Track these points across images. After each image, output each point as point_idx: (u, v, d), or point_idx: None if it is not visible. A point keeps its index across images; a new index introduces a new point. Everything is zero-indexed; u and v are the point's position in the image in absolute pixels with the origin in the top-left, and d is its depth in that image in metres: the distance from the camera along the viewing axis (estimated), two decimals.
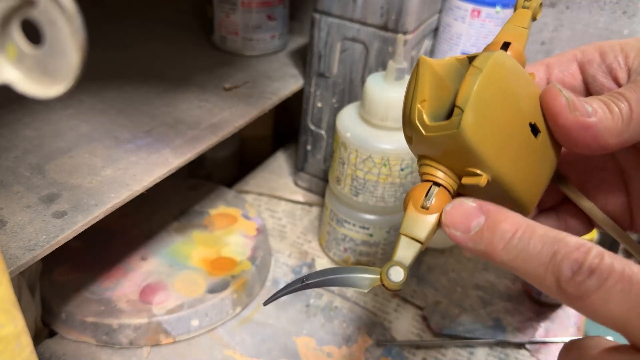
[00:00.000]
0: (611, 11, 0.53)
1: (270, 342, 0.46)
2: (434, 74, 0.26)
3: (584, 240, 0.21)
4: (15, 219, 0.35)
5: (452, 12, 0.53)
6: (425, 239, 0.25)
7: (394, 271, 0.25)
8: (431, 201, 0.25)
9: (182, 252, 0.51)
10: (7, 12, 0.17)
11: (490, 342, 0.48)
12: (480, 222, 0.23)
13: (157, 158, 0.42)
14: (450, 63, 0.26)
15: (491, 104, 0.24)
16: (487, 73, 0.23)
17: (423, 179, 0.26)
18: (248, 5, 0.57)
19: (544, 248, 0.21)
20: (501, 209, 0.23)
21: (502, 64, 0.24)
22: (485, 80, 0.23)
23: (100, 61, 0.55)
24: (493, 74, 0.24)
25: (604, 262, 0.20)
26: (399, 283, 0.25)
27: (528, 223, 0.22)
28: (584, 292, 0.20)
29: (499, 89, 0.24)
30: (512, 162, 0.25)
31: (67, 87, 0.17)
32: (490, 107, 0.24)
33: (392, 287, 0.25)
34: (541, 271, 0.21)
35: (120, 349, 0.44)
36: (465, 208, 0.24)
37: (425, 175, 0.26)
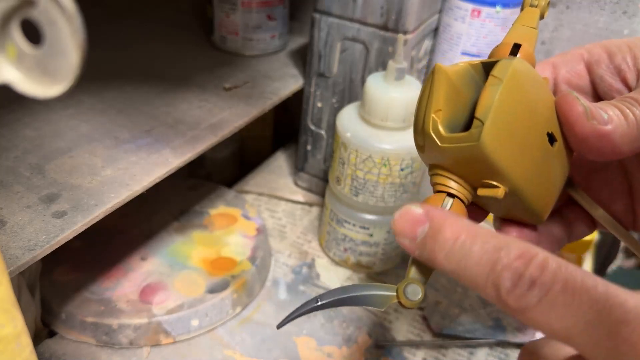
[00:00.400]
0: (611, 11, 0.53)
1: (270, 342, 0.46)
2: (449, 83, 0.25)
3: (528, 246, 0.20)
4: (15, 219, 0.35)
5: (452, 12, 0.53)
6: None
7: (411, 289, 0.24)
8: None
9: (182, 252, 0.51)
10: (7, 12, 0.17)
11: (491, 342, 0.48)
12: (424, 230, 0.22)
13: (157, 158, 0.42)
14: (464, 69, 0.26)
15: (511, 115, 0.23)
16: (508, 84, 0.23)
17: (436, 189, 0.26)
18: (248, 5, 0.57)
19: (484, 256, 0.20)
20: (446, 215, 0.22)
21: (520, 72, 0.24)
22: (506, 91, 0.23)
23: (100, 61, 0.55)
24: (513, 84, 0.23)
25: (546, 272, 0.19)
26: (416, 301, 0.24)
27: (471, 229, 0.21)
28: (525, 305, 0.19)
29: (519, 100, 0.24)
30: (529, 173, 0.24)
31: (67, 87, 0.17)
32: (509, 119, 0.23)
33: (410, 305, 0.24)
34: (481, 281, 0.20)
35: (120, 349, 0.44)
36: (411, 215, 0.23)
37: (438, 186, 0.26)
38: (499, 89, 0.23)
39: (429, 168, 0.27)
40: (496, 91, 0.23)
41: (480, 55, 0.54)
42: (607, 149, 0.24)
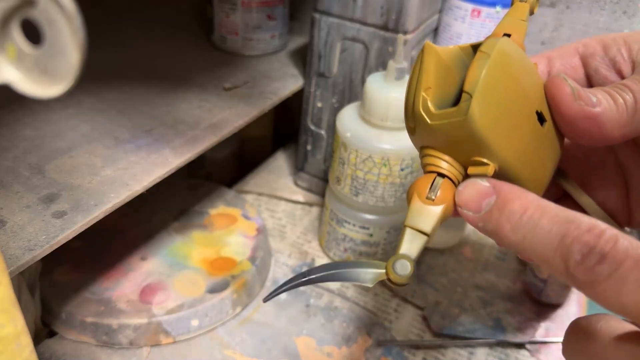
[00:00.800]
0: (611, 11, 0.53)
1: (270, 342, 0.46)
2: (439, 61, 0.25)
3: (597, 222, 0.20)
4: (15, 219, 0.35)
5: (452, 12, 0.53)
6: (431, 231, 0.24)
7: (400, 264, 0.24)
8: (436, 192, 0.25)
9: (182, 252, 0.51)
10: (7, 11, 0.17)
11: (491, 342, 0.48)
12: (490, 202, 0.23)
13: (156, 158, 0.42)
14: (454, 51, 0.26)
15: (499, 90, 0.23)
16: (495, 58, 0.23)
17: (426, 170, 0.26)
18: (248, 5, 0.57)
19: (553, 229, 0.20)
20: (514, 189, 0.23)
21: (508, 50, 0.24)
22: (493, 65, 0.23)
23: (100, 61, 0.55)
24: (500, 59, 0.23)
25: (618, 246, 0.19)
26: (405, 276, 0.24)
27: (540, 203, 0.22)
28: (595, 279, 0.19)
29: (507, 75, 0.24)
30: (519, 151, 0.24)
31: (67, 87, 0.17)
32: (498, 94, 0.23)
33: (399, 281, 0.24)
34: (549, 254, 0.20)
35: (120, 349, 0.44)
36: (477, 188, 0.23)
37: (428, 166, 0.26)
38: (487, 63, 0.23)
39: (419, 151, 0.27)
40: (484, 65, 0.23)
41: None
42: (596, 132, 0.24)
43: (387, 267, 0.25)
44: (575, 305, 0.53)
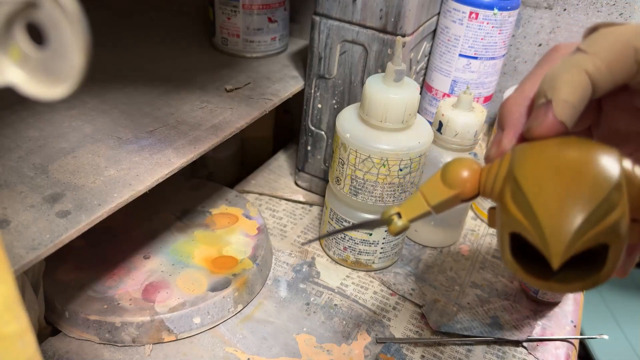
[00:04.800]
0: (608, 13, 0.53)
1: (271, 340, 0.47)
2: None
3: None
4: (19, 219, 0.36)
5: (450, 15, 0.54)
6: (434, 206, 0.28)
7: (397, 218, 0.29)
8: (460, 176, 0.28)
9: (184, 251, 0.52)
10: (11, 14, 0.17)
11: (488, 339, 0.49)
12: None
13: (159, 158, 0.43)
14: None
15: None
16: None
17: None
18: (249, 8, 0.58)
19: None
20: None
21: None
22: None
23: (103, 63, 0.56)
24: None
25: None
26: (396, 230, 0.28)
27: None
28: None
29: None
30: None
31: (70, 88, 0.17)
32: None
33: (391, 232, 0.29)
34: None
35: (123, 347, 0.45)
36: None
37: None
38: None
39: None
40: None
41: (477, 57, 0.54)
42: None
43: (387, 218, 0.29)
44: (572, 304, 0.54)
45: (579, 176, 0.24)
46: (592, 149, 0.25)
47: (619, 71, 0.26)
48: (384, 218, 0.29)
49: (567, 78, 0.26)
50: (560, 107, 0.26)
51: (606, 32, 0.26)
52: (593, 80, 0.26)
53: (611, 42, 0.26)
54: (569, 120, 0.26)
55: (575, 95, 0.26)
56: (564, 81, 0.26)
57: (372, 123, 0.47)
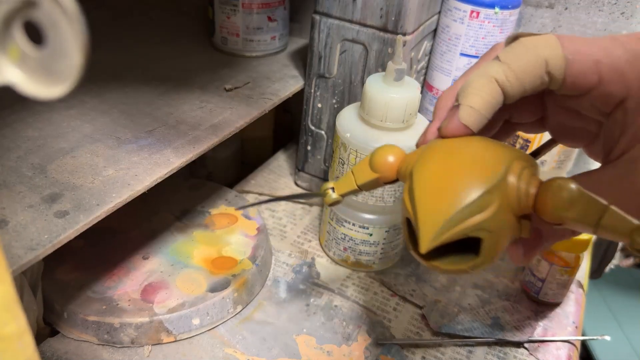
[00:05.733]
0: (609, 12, 0.53)
1: (271, 341, 0.47)
2: None
3: None
4: (17, 219, 0.36)
5: (451, 14, 0.54)
6: (360, 185, 0.32)
7: (331, 191, 0.34)
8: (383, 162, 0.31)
9: (184, 251, 0.51)
10: (9, 13, 0.17)
11: (489, 340, 0.49)
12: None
13: (158, 158, 0.43)
14: None
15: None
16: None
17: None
18: (249, 7, 0.57)
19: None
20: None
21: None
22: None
23: (102, 62, 0.56)
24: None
25: None
26: (329, 202, 0.34)
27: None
28: None
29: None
30: None
31: (69, 88, 0.17)
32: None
33: (327, 202, 0.34)
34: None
35: (122, 348, 0.45)
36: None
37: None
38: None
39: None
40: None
41: (478, 56, 0.54)
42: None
43: (323, 191, 0.34)
44: (573, 304, 0.53)
45: (456, 177, 0.27)
46: (480, 154, 0.27)
47: (528, 81, 0.28)
48: (321, 191, 0.34)
49: (477, 85, 0.28)
50: (466, 112, 0.28)
51: (522, 42, 0.28)
52: (503, 89, 0.28)
53: (523, 53, 0.28)
54: (473, 125, 0.29)
55: (480, 103, 0.28)
56: (473, 88, 0.28)
57: (372, 123, 0.47)
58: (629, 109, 0.27)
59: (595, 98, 0.28)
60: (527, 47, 0.28)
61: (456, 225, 0.26)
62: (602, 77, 0.27)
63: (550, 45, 0.27)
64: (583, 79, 0.27)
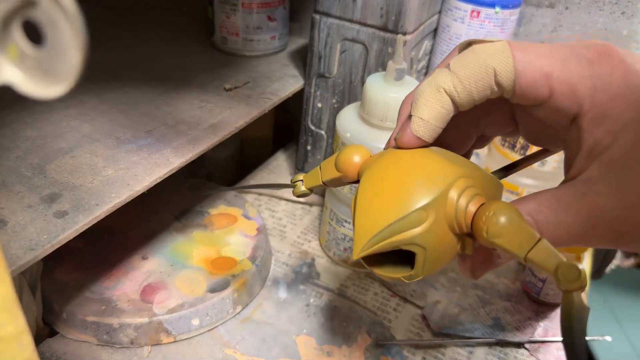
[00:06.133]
0: (610, 11, 0.53)
1: (271, 341, 0.47)
2: None
3: None
4: (16, 219, 0.35)
5: (451, 13, 0.54)
6: (325, 181, 0.33)
7: (300, 184, 0.35)
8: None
9: (183, 252, 0.51)
10: (8, 12, 0.17)
11: (490, 341, 0.49)
12: None
13: (158, 158, 0.42)
14: None
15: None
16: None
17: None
18: (248, 7, 0.57)
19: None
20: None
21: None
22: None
23: (101, 62, 0.55)
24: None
25: None
26: (300, 192, 0.35)
27: None
28: None
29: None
30: None
31: (67, 87, 0.17)
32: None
33: (295, 193, 0.35)
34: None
35: (121, 348, 0.45)
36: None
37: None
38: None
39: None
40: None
41: None
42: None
43: (293, 183, 0.35)
44: None
45: (397, 188, 0.26)
46: (427, 167, 0.27)
47: (476, 91, 0.27)
48: (291, 182, 0.36)
49: (426, 96, 0.28)
50: (417, 124, 0.28)
51: (473, 50, 0.27)
52: (452, 99, 0.27)
53: (472, 62, 0.27)
54: (425, 136, 0.28)
55: (430, 113, 0.28)
56: (423, 99, 0.28)
57: (372, 122, 0.47)
58: (582, 127, 0.26)
59: (548, 111, 0.27)
60: (476, 56, 0.27)
61: (387, 238, 0.26)
62: (553, 90, 0.26)
63: (501, 54, 0.26)
64: (533, 91, 0.26)
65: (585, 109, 0.26)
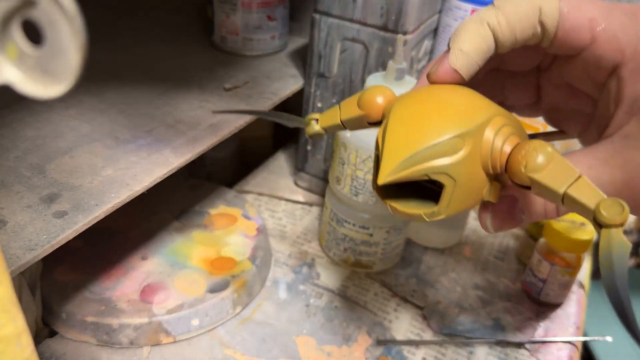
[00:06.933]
0: None
1: (271, 342, 0.47)
2: None
3: None
4: (16, 219, 0.35)
5: (451, 13, 0.54)
6: (344, 121, 0.31)
7: (315, 122, 0.33)
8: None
9: (183, 252, 0.51)
10: (7, 12, 0.17)
11: (490, 341, 0.49)
12: None
13: (157, 158, 0.42)
14: None
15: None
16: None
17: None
18: (248, 6, 0.57)
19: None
20: None
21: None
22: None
23: (101, 62, 0.55)
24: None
25: None
26: (314, 131, 0.33)
27: None
28: None
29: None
30: None
31: (67, 87, 0.17)
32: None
33: (308, 132, 0.33)
34: None
35: (121, 349, 0.45)
36: None
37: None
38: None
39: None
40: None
41: None
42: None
43: (307, 120, 0.33)
44: (575, 305, 0.53)
45: (431, 117, 0.25)
46: (462, 100, 0.26)
47: (520, 29, 0.26)
48: (305, 119, 0.33)
49: (468, 28, 0.27)
50: (455, 55, 0.27)
51: None
52: (494, 34, 0.27)
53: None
54: (463, 69, 0.27)
55: (470, 45, 0.27)
56: (464, 31, 0.27)
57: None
58: (623, 78, 0.26)
59: (587, 61, 0.27)
60: None
61: (419, 163, 0.25)
62: (596, 37, 0.26)
63: None
64: (575, 36, 0.26)
65: (627, 58, 0.25)
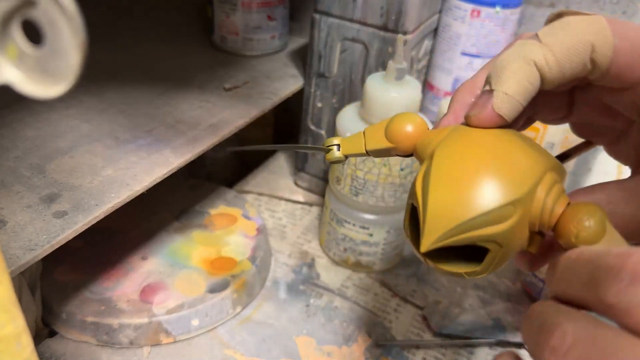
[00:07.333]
0: (611, 11, 0.53)
1: (271, 342, 0.47)
2: None
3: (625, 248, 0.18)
4: (15, 219, 0.35)
5: (451, 12, 0.54)
6: (369, 151, 0.29)
7: (336, 149, 0.30)
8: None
9: (183, 252, 0.51)
10: (7, 12, 0.17)
11: (490, 341, 0.48)
12: None
13: (157, 158, 0.42)
14: None
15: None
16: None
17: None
18: (248, 6, 0.57)
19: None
20: None
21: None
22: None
23: (101, 61, 0.55)
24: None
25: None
26: (331, 159, 0.30)
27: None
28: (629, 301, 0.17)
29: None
30: None
31: (67, 87, 0.17)
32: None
33: (328, 158, 0.30)
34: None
35: (121, 349, 0.45)
36: None
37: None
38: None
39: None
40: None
41: (479, 55, 0.54)
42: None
43: (328, 147, 0.30)
44: None
45: (482, 176, 0.23)
46: (515, 155, 0.24)
47: (569, 67, 0.25)
48: (325, 145, 0.31)
49: (514, 68, 0.25)
50: (501, 99, 0.25)
51: (567, 22, 0.25)
52: (542, 74, 0.25)
53: (567, 35, 0.24)
54: (508, 114, 0.25)
55: (518, 89, 0.25)
56: (510, 71, 0.25)
57: (372, 122, 0.47)
58: None
59: (638, 93, 0.25)
60: (572, 29, 0.24)
61: (466, 232, 0.23)
62: None
63: (599, 28, 0.24)
64: (630, 72, 0.24)
65: None
